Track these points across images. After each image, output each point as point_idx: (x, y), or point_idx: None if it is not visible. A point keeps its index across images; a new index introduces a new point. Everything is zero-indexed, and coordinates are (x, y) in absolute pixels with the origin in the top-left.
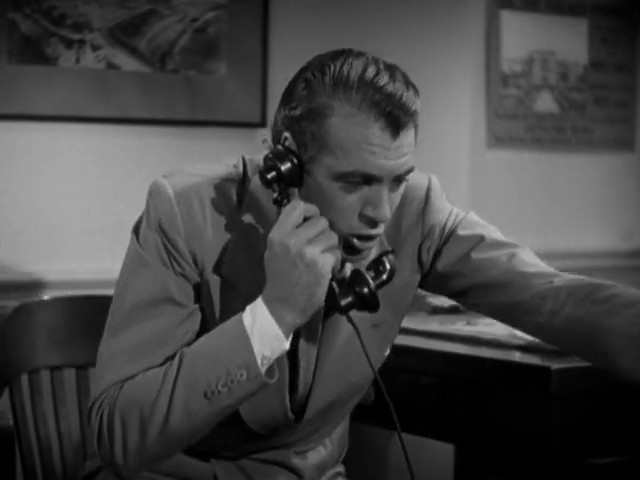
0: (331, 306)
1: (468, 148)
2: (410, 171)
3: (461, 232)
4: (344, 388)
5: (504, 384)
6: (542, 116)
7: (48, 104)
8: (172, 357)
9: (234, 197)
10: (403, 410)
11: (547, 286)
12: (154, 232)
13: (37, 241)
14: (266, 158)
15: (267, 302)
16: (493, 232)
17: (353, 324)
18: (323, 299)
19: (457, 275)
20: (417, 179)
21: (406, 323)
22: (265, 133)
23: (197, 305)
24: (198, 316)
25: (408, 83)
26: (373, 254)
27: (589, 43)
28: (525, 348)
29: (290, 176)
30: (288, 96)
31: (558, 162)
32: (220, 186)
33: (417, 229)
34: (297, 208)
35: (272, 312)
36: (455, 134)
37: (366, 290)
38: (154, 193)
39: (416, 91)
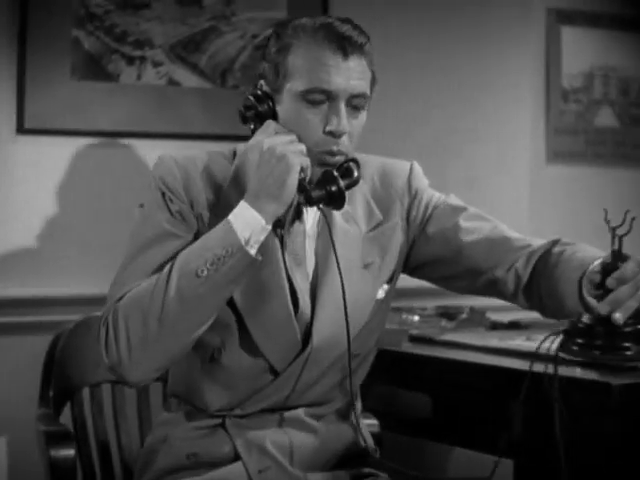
0: (304, 200)
1: (528, 163)
2: (364, 96)
3: (448, 203)
4: (343, 318)
5: (564, 400)
6: (602, 131)
7: (110, 120)
8: None
9: (226, 162)
10: (462, 425)
11: (522, 253)
12: (156, 190)
13: (104, 255)
14: (245, 100)
15: (246, 198)
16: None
17: (322, 212)
18: (294, 188)
19: (445, 240)
20: (401, 163)
21: (465, 339)
22: None
23: (192, 235)
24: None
25: (357, 27)
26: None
27: None
28: (585, 364)
29: (264, 111)
30: (263, 51)
31: (618, 177)
32: (214, 156)
33: (404, 194)
34: (269, 126)
35: (251, 204)
36: (515, 149)
37: (335, 188)
38: (158, 163)
39: (366, 35)
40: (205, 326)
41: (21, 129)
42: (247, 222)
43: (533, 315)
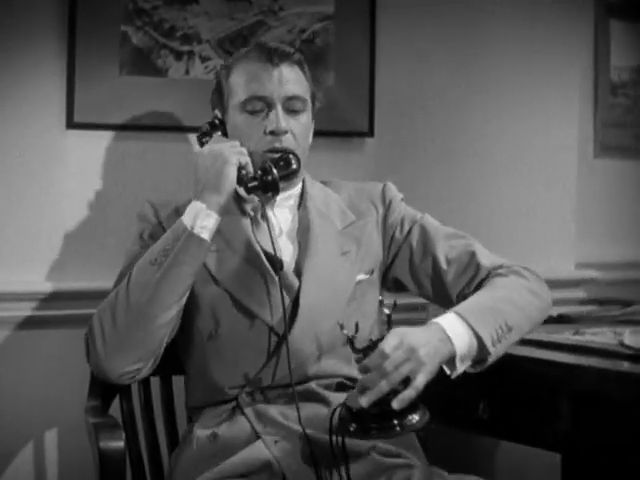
0: (244, 190)
1: (576, 157)
2: (299, 98)
3: (422, 223)
4: (327, 288)
5: (613, 394)
6: None
7: (158, 114)
8: None
9: None
10: (510, 419)
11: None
12: (136, 225)
13: None
14: (202, 127)
15: (193, 196)
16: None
17: (260, 200)
18: (232, 178)
19: (417, 263)
20: (375, 183)
21: None
22: (373, 142)
23: None
24: None
25: (288, 45)
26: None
27: None
28: (635, 358)
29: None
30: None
31: None
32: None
33: (378, 203)
34: (214, 137)
35: (196, 198)
36: (563, 143)
37: (270, 177)
38: (138, 211)
39: (297, 50)
40: (172, 310)
41: (70, 123)
42: (191, 211)
43: (582, 308)
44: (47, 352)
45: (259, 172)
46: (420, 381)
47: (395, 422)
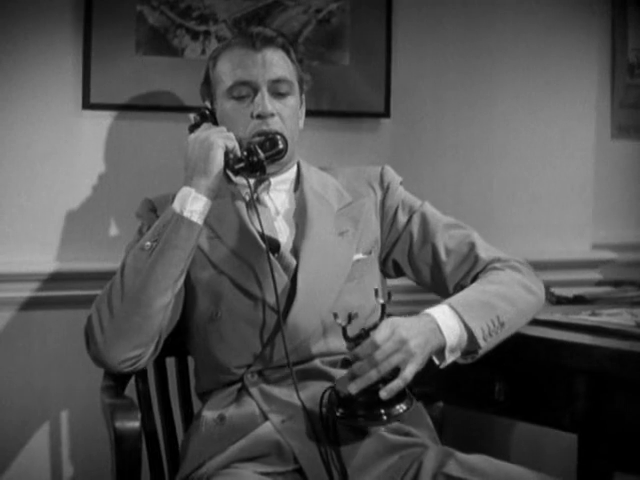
0: (232, 172)
1: (593, 138)
2: (285, 80)
3: (424, 211)
4: (325, 267)
5: (630, 375)
6: None
7: (174, 94)
8: None
9: None
10: (526, 400)
11: (472, 274)
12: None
13: None
14: (194, 119)
15: (183, 182)
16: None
17: (247, 181)
18: (219, 161)
19: (415, 249)
20: (374, 167)
21: None
22: (389, 123)
23: None
24: None
25: (272, 29)
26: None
27: None
28: None
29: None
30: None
31: None
32: None
33: (377, 185)
34: (203, 126)
35: (186, 184)
36: (580, 124)
37: (255, 159)
38: (136, 210)
39: (280, 34)
40: (167, 295)
41: (87, 104)
42: (180, 196)
43: (598, 290)
44: (57, 332)
45: (244, 153)
46: (409, 372)
47: (382, 411)
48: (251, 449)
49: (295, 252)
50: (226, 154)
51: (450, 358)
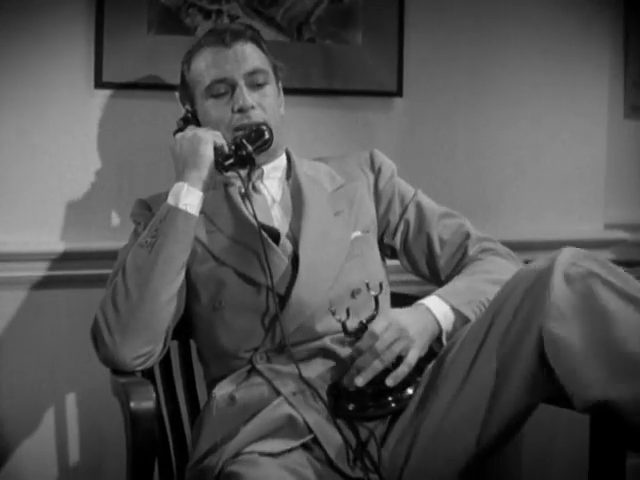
0: (222, 169)
1: (606, 117)
2: (260, 71)
3: (418, 199)
4: (324, 247)
5: None
6: None
7: None
8: None
9: None
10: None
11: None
12: (131, 222)
13: None
14: (177, 124)
15: (175, 180)
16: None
17: (239, 175)
18: (208, 154)
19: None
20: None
21: None
22: (401, 102)
23: None
24: None
25: (240, 24)
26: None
27: None
28: None
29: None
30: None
31: None
32: None
33: (367, 168)
34: (187, 128)
35: (179, 179)
36: (593, 103)
37: (244, 152)
38: (131, 211)
39: (249, 27)
40: (170, 288)
41: (99, 83)
42: (174, 191)
43: None
44: (66, 311)
45: (233, 148)
46: (412, 356)
47: (390, 398)
48: (263, 427)
49: (294, 235)
50: (215, 151)
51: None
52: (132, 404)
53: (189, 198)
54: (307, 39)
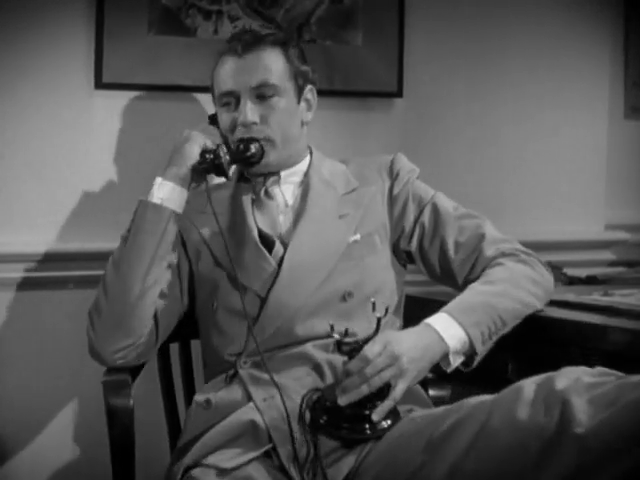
0: (197, 171)
1: (606, 117)
2: (266, 85)
3: (435, 200)
4: (315, 248)
5: None
6: None
7: (186, 74)
8: None
9: None
10: None
11: (480, 267)
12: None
13: None
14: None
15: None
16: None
17: (206, 181)
18: (191, 154)
19: (427, 243)
20: (386, 156)
21: None
22: (401, 102)
23: None
24: None
25: (259, 32)
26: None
27: None
28: None
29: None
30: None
31: None
32: None
33: (385, 173)
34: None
35: (162, 176)
36: (593, 104)
37: (217, 161)
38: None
39: (269, 33)
40: (147, 280)
41: (99, 83)
42: (157, 186)
43: (611, 270)
44: (66, 311)
45: (211, 155)
46: (399, 391)
47: (367, 426)
48: (225, 434)
49: (289, 239)
50: (203, 154)
51: (457, 361)
52: (109, 400)
53: (161, 191)
54: (307, 40)
